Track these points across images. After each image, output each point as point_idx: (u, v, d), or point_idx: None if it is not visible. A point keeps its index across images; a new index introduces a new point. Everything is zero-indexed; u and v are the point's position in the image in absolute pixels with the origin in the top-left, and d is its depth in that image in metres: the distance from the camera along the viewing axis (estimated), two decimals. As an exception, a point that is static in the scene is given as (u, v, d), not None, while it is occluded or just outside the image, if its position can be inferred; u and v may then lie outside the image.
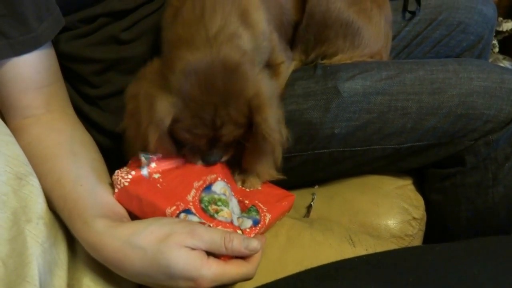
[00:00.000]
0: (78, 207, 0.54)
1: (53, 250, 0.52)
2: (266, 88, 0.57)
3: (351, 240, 0.63)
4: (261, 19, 0.64)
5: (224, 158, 0.64)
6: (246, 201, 0.62)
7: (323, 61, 0.80)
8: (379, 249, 0.63)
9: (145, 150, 0.58)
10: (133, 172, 0.58)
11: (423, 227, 0.77)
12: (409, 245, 0.74)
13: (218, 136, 0.58)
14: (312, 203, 0.79)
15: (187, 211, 0.56)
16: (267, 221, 0.60)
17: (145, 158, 0.59)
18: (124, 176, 0.57)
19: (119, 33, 0.70)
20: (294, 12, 0.78)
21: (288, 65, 0.77)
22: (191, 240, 0.49)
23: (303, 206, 0.80)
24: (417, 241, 0.75)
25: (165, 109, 0.54)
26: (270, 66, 0.71)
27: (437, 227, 0.80)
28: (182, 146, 0.61)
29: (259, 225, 0.58)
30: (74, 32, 0.70)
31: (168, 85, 0.54)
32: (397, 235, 0.74)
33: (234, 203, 0.61)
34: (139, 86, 0.57)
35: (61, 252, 0.54)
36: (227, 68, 0.54)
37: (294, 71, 0.79)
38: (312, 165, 0.77)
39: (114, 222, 0.52)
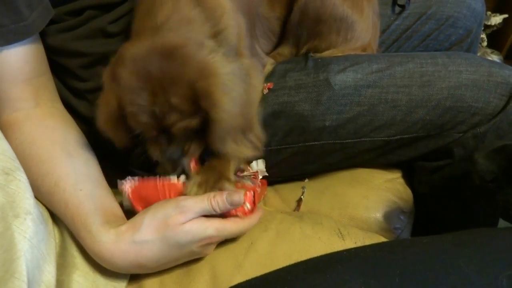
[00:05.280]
0: (80, 213, 0.57)
1: (42, 245, 0.52)
2: (220, 69, 0.53)
3: (341, 233, 0.64)
4: None
5: (190, 155, 0.59)
6: None
7: (314, 54, 0.80)
8: (368, 242, 0.63)
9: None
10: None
11: (411, 220, 0.78)
12: (398, 238, 0.74)
13: (166, 127, 0.55)
14: (302, 196, 0.79)
15: None
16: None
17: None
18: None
19: (106, 25, 0.70)
20: (270, 9, 0.77)
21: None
22: (184, 217, 0.54)
23: (293, 199, 0.80)
24: (406, 234, 0.76)
25: (110, 97, 0.55)
26: None
27: (425, 220, 0.81)
28: (143, 141, 0.59)
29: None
30: (61, 25, 0.69)
31: (114, 77, 0.55)
32: (386, 228, 0.74)
33: None
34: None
35: (50, 248, 0.54)
36: (164, 52, 0.53)
37: (285, 62, 0.79)
38: (303, 157, 0.77)
39: (114, 228, 0.56)
